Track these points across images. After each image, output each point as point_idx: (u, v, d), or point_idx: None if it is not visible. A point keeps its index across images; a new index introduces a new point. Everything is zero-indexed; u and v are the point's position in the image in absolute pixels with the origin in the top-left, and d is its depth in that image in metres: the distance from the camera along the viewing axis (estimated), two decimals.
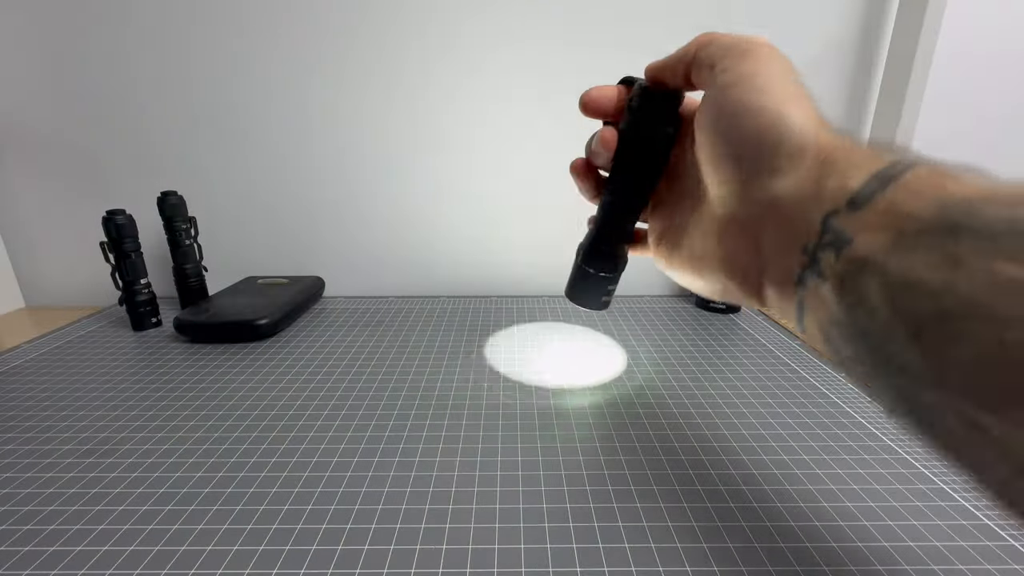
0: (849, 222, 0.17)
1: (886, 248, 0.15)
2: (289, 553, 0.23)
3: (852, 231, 0.17)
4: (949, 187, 0.15)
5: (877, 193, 0.16)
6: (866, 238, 0.16)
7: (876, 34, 0.50)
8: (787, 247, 0.19)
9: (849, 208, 0.17)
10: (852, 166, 0.18)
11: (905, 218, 0.15)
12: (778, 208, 0.20)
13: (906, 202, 0.16)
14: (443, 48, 0.51)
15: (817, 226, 0.18)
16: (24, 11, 0.50)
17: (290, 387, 0.37)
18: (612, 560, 0.22)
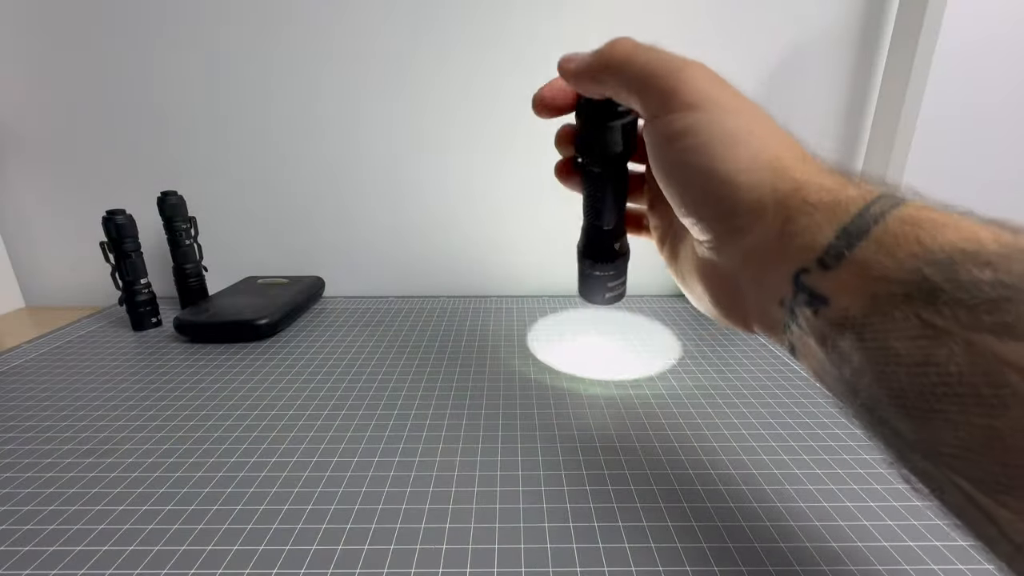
0: (821, 281, 0.16)
1: (863, 313, 0.14)
2: (289, 553, 0.23)
3: (825, 291, 0.16)
4: (925, 242, 0.14)
5: (847, 251, 0.15)
6: (841, 300, 0.15)
7: (875, 34, 0.50)
8: (765, 300, 0.18)
9: (819, 267, 0.16)
10: (818, 221, 0.16)
11: (879, 280, 0.14)
12: (749, 264, 0.19)
13: (879, 262, 0.14)
14: (443, 48, 0.51)
15: (789, 284, 0.17)
16: (24, 11, 0.50)
17: (290, 387, 0.37)
18: (612, 560, 0.22)
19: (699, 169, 0.18)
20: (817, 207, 0.17)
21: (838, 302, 0.15)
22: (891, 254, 0.14)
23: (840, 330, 0.15)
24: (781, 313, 0.17)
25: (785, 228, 0.17)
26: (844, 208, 0.16)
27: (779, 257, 0.17)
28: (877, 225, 0.15)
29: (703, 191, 0.19)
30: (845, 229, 0.16)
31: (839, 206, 0.16)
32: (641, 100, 0.20)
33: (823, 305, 0.16)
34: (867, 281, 0.15)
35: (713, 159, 0.18)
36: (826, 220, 0.16)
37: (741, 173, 0.18)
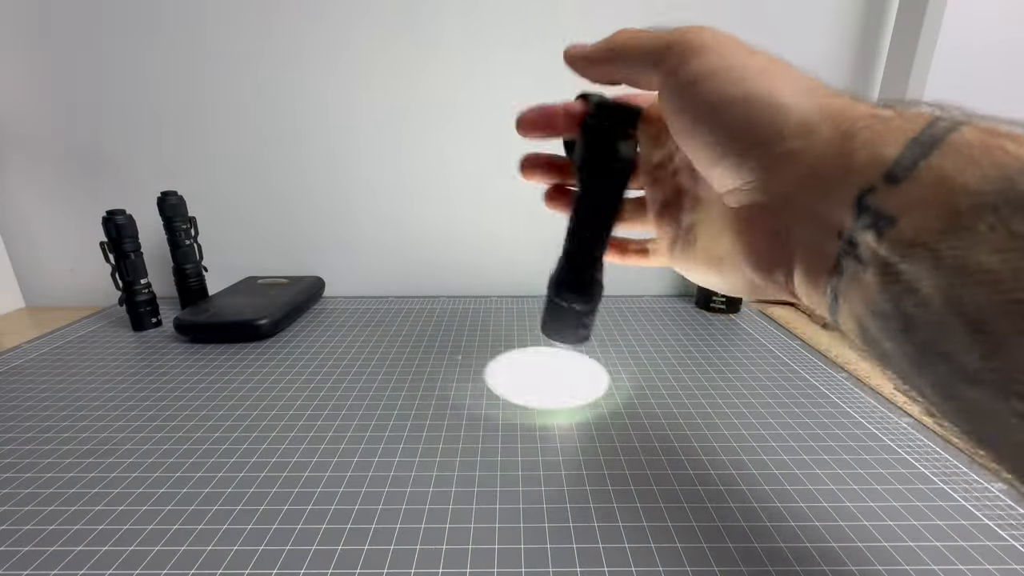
0: (889, 199, 0.14)
1: (939, 228, 0.13)
2: (289, 553, 0.23)
3: (894, 209, 0.14)
4: (1011, 150, 0.13)
5: (920, 161, 0.14)
6: (913, 217, 0.13)
7: (874, 45, 0.50)
8: (819, 232, 0.16)
9: (887, 182, 0.14)
10: (883, 132, 0.15)
11: (959, 192, 0.13)
12: (803, 192, 0.17)
13: (958, 171, 0.13)
14: (443, 49, 0.51)
15: (851, 208, 0.15)
16: (24, 11, 0.50)
17: (290, 387, 0.37)
18: (612, 560, 0.22)
19: (737, 98, 0.18)
20: (879, 121, 0.15)
21: (909, 219, 0.14)
22: (974, 161, 0.13)
23: (910, 251, 0.13)
24: (835, 247, 0.16)
25: (844, 145, 0.16)
26: (910, 121, 0.15)
27: (839, 178, 0.16)
28: (950, 136, 0.14)
29: (745, 119, 0.18)
30: (916, 139, 0.14)
31: (904, 119, 0.15)
32: (660, 59, 0.20)
33: (891, 226, 0.14)
34: (944, 193, 0.13)
35: (749, 86, 0.18)
36: (891, 132, 0.15)
37: (782, 94, 0.17)
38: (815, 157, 0.16)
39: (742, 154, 0.18)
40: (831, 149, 0.16)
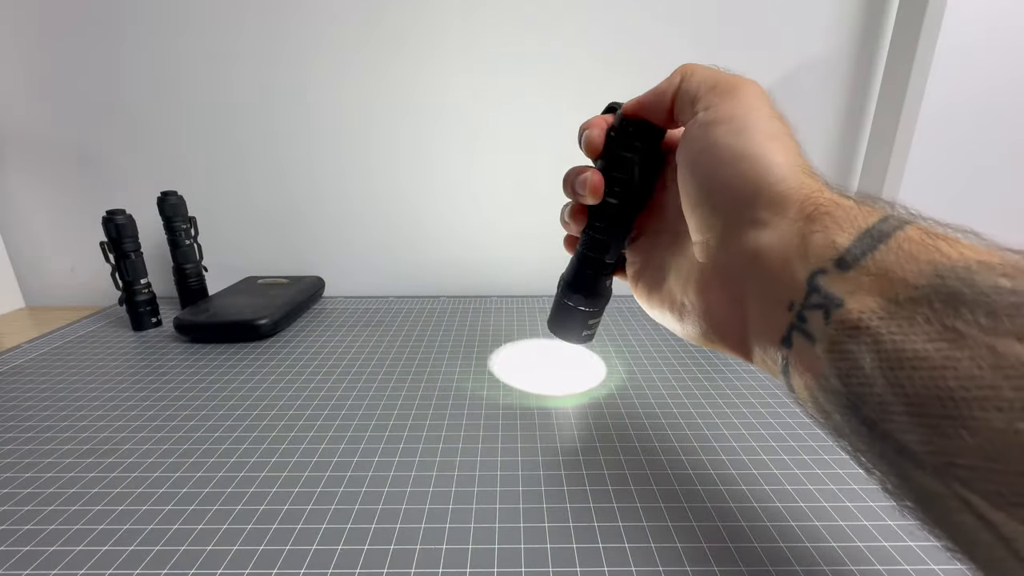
0: (838, 283, 0.16)
1: (881, 314, 0.14)
2: (289, 553, 0.23)
3: (842, 292, 0.15)
4: (944, 250, 0.14)
5: (867, 253, 0.15)
6: (857, 301, 0.15)
7: (872, 49, 0.50)
8: (771, 303, 0.18)
9: (838, 267, 0.16)
10: (840, 221, 0.17)
11: (899, 283, 0.14)
12: (760, 261, 0.18)
13: (899, 265, 0.15)
14: (443, 49, 0.51)
15: (803, 284, 0.17)
16: (24, 11, 0.50)
17: (290, 387, 0.37)
18: (612, 560, 0.22)
19: (737, 149, 0.19)
20: (839, 210, 0.17)
21: (854, 303, 0.15)
22: (913, 258, 0.15)
23: (854, 332, 0.15)
24: (786, 320, 0.17)
25: (804, 228, 0.17)
26: (865, 215, 0.17)
27: (796, 256, 0.17)
28: (896, 233, 0.15)
29: (736, 171, 0.19)
30: (867, 232, 0.16)
31: (860, 213, 0.17)
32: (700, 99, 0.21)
33: (837, 307, 0.15)
34: (886, 283, 0.15)
35: (752, 143, 0.19)
36: (847, 223, 0.16)
37: (776, 161, 0.19)
38: (778, 234, 0.18)
39: (716, 207, 0.20)
40: (793, 228, 0.18)
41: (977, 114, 0.53)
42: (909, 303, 0.14)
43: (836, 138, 0.54)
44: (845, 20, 0.50)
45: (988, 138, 0.54)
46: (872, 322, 0.14)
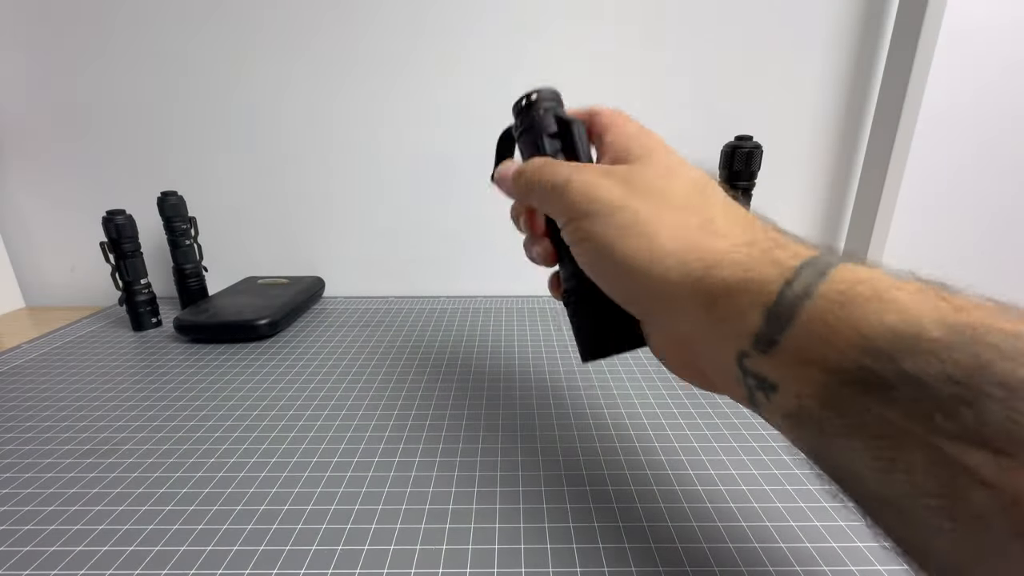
0: (764, 365, 0.15)
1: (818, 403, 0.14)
2: (289, 553, 0.23)
3: (773, 376, 0.15)
4: (861, 327, 0.13)
5: (778, 336, 0.15)
6: (791, 386, 0.14)
7: (874, 45, 0.50)
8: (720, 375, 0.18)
9: (757, 351, 0.15)
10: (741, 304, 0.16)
11: (823, 369, 0.13)
12: (692, 344, 0.18)
13: (817, 350, 0.14)
14: (444, 51, 0.51)
15: (735, 367, 0.16)
16: (24, 11, 0.50)
17: (290, 387, 0.37)
18: (612, 560, 0.22)
19: (600, 266, 0.19)
20: (737, 288, 0.16)
21: (788, 388, 0.15)
22: (827, 342, 0.13)
23: (798, 421, 0.15)
24: (740, 393, 0.17)
25: (711, 312, 0.17)
26: (765, 286, 0.15)
27: (717, 339, 0.17)
28: (804, 305, 0.14)
29: (613, 284, 0.19)
30: (771, 312, 0.15)
31: (760, 285, 0.15)
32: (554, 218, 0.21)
33: (773, 392, 0.15)
34: (812, 370, 0.14)
35: (607, 254, 0.19)
36: (749, 302, 0.15)
37: (637, 262, 0.18)
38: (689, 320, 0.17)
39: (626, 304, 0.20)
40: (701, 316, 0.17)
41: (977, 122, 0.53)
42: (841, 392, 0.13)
43: (836, 139, 0.54)
44: (844, 22, 0.50)
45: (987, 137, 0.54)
46: (813, 411, 0.14)
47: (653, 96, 0.52)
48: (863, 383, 0.13)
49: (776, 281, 0.15)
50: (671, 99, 0.52)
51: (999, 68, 0.52)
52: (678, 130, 0.52)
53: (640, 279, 0.18)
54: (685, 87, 0.52)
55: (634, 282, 0.18)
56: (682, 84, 0.52)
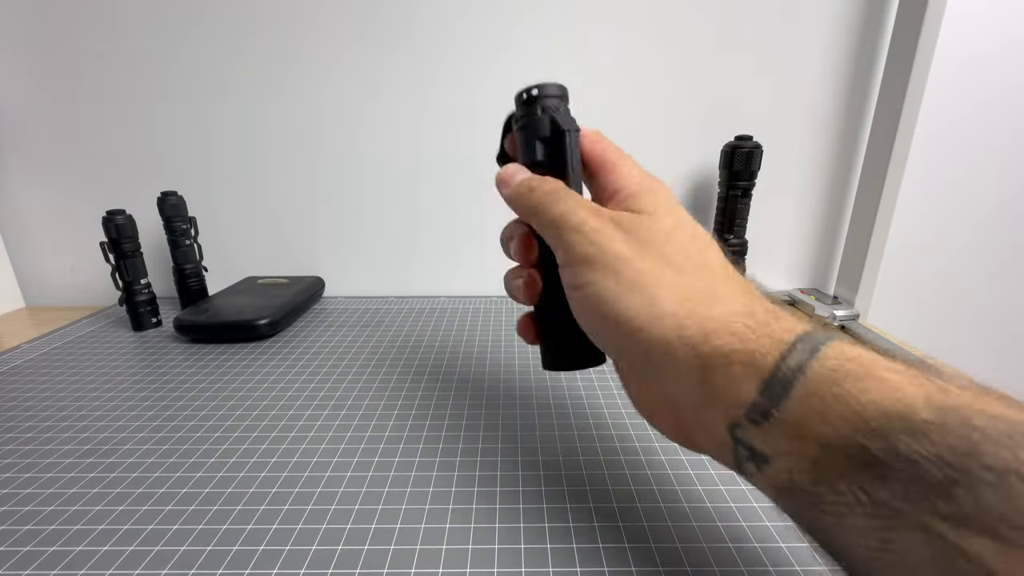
0: (757, 437, 0.15)
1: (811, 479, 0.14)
2: (289, 553, 0.23)
3: (764, 448, 0.15)
4: (854, 405, 0.13)
5: (774, 408, 0.15)
6: (782, 461, 0.15)
7: (874, 44, 0.50)
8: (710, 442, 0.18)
9: (750, 422, 0.15)
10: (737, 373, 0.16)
11: (816, 445, 0.14)
12: (680, 409, 0.18)
13: (811, 426, 0.14)
14: (443, 51, 0.51)
15: (727, 437, 0.16)
16: (24, 11, 0.50)
17: (290, 387, 0.37)
18: (612, 560, 0.22)
19: (598, 315, 0.19)
20: (733, 358, 0.16)
21: (780, 462, 0.15)
22: (822, 418, 0.14)
23: (789, 494, 0.14)
24: (730, 461, 0.17)
25: (706, 378, 0.16)
26: (762, 358, 0.16)
27: (710, 407, 0.17)
28: (799, 380, 0.15)
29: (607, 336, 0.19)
30: (767, 384, 0.15)
31: (756, 356, 0.16)
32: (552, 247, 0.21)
33: (765, 464, 0.15)
34: (805, 444, 0.14)
35: (607, 305, 0.18)
36: (745, 373, 0.16)
37: (637, 319, 0.18)
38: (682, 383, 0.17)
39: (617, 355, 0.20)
40: (694, 380, 0.17)
41: (977, 122, 0.53)
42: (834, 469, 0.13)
43: (837, 138, 0.54)
44: (844, 21, 0.50)
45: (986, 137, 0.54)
46: (805, 486, 0.14)
47: (653, 96, 0.52)
48: (857, 461, 0.13)
49: (772, 354, 0.15)
50: (671, 99, 0.52)
51: (999, 68, 0.52)
52: (678, 130, 0.53)
53: (637, 336, 0.18)
54: (685, 87, 0.52)
55: (630, 338, 0.18)
56: (682, 84, 0.52)
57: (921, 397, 0.13)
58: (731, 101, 0.52)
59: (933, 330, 0.61)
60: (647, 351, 0.18)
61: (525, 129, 0.24)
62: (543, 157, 0.23)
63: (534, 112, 0.23)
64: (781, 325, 0.16)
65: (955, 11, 0.48)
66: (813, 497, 0.14)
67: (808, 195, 0.56)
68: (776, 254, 0.58)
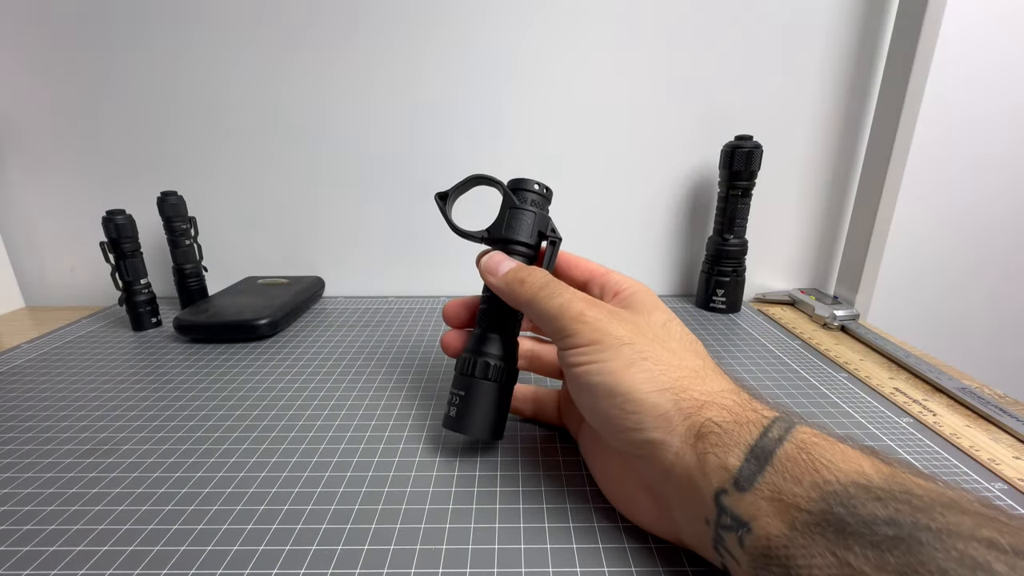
0: (740, 504, 0.17)
1: (784, 542, 0.15)
2: (289, 553, 0.23)
3: (747, 515, 0.17)
4: (822, 472, 0.16)
5: (757, 475, 0.17)
6: (763, 526, 0.16)
7: (873, 45, 0.50)
8: (691, 516, 0.19)
9: (736, 489, 0.17)
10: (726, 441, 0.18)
11: (793, 508, 0.16)
12: (671, 477, 0.20)
13: (788, 489, 0.16)
14: (444, 50, 0.51)
15: (711, 503, 0.18)
16: (24, 10, 0.50)
17: (290, 387, 0.37)
18: (612, 560, 0.22)
19: (604, 390, 0.21)
20: (722, 427, 0.18)
21: (760, 528, 0.16)
22: (797, 480, 0.16)
23: (767, 561, 0.16)
24: (708, 533, 0.18)
25: (698, 445, 0.19)
26: (747, 429, 0.18)
27: (697, 475, 0.18)
28: (779, 448, 0.17)
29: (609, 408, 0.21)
30: (752, 451, 0.17)
31: (742, 427, 0.18)
32: (551, 334, 0.24)
33: (747, 532, 0.17)
34: (782, 508, 0.16)
35: (614, 380, 0.21)
36: (733, 441, 0.18)
37: (640, 391, 0.20)
38: (676, 449, 0.19)
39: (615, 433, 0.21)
40: (687, 446, 0.19)
41: (977, 122, 0.53)
42: (806, 529, 0.15)
43: (837, 140, 0.54)
44: (844, 22, 0.50)
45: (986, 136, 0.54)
46: (780, 551, 0.15)
47: (653, 96, 0.52)
48: (825, 521, 0.15)
49: (757, 425, 0.18)
50: (671, 99, 0.52)
51: (1000, 67, 0.52)
52: (678, 130, 0.53)
53: (640, 407, 0.20)
54: (685, 87, 0.52)
55: (633, 408, 0.20)
56: (682, 84, 0.52)
57: (872, 469, 0.16)
58: (731, 101, 0.52)
59: (933, 330, 0.61)
60: (647, 420, 0.20)
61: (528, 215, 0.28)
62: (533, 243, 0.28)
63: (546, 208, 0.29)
64: (760, 405, 0.20)
65: (955, 11, 0.48)
66: (786, 562, 0.15)
67: (808, 195, 0.56)
68: (776, 254, 0.58)
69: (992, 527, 0.13)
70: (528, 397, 0.32)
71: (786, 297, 0.56)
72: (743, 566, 0.17)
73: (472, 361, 0.27)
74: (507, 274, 0.26)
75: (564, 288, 0.24)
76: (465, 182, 0.30)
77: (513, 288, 0.25)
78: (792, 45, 0.51)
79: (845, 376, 0.39)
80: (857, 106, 0.52)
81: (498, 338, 0.28)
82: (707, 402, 0.20)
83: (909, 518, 0.14)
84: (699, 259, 0.55)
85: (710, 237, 0.53)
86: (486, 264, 0.27)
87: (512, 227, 0.28)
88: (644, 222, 0.56)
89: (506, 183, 0.29)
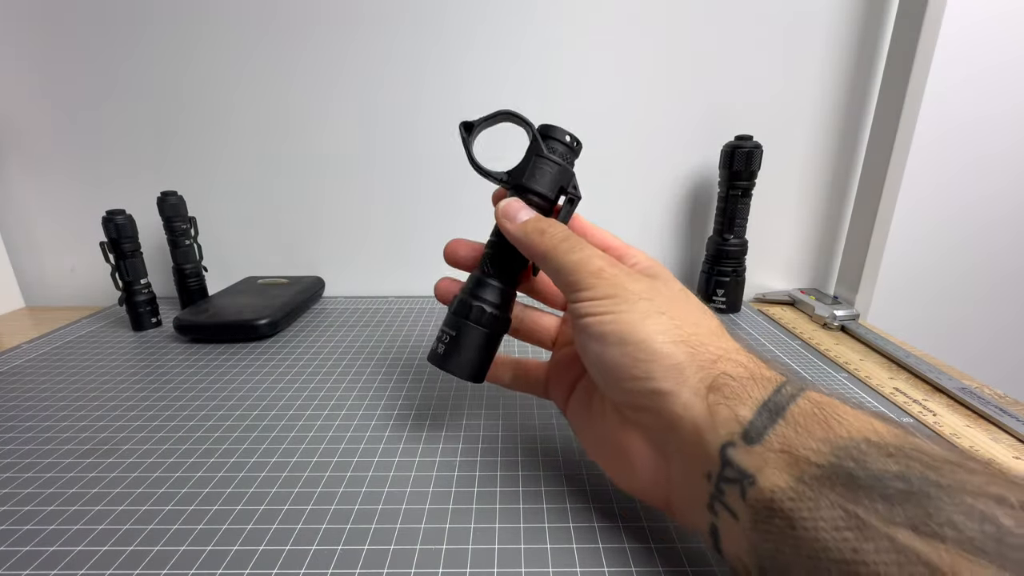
0: (747, 457, 0.17)
1: (790, 495, 0.15)
2: (289, 553, 0.23)
3: (752, 468, 0.17)
4: (835, 428, 0.16)
5: (769, 427, 0.17)
6: (768, 478, 0.16)
7: (874, 44, 0.50)
8: (691, 470, 0.19)
9: (745, 441, 0.17)
10: (738, 392, 0.18)
11: (802, 461, 0.16)
12: (676, 430, 0.19)
13: (799, 442, 0.16)
14: (445, 51, 0.51)
15: (716, 456, 0.18)
16: (24, 10, 0.50)
17: (290, 387, 0.37)
18: (612, 560, 0.22)
19: (616, 337, 0.21)
20: (737, 380, 0.19)
21: (765, 480, 0.16)
22: (810, 434, 0.16)
23: (770, 513, 0.16)
24: (707, 488, 0.18)
25: (710, 397, 0.19)
26: (761, 384, 0.18)
27: (706, 426, 0.18)
28: (792, 404, 0.17)
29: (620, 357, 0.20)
30: (765, 404, 0.17)
31: (756, 382, 0.18)
32: (564, 287, 0.23)
33: (750, 483, 0.16)
34: (790, 461, 0.16)
35: (628, 328, 0.20)
36: (746, 393, 0.18)
37: (655, 340, 0.20)
38: (686, 399, 0.19)
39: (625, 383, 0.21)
40: (697, 398, 0.19)
41: (977, 122, 0.53)
42: (815, 483, 0.15)
43: (836, 143, 0.54)
44: (843, 22, 0.50)
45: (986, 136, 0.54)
46: (784, 503, 0.15)
47: (653, 96, 0.52)
48: (835, 473, 0.15)
49: (772, 381, 0.18)
50: (671, 99, 0.52)
51: (1000, 67, 0.52)
52: (678, 130, 0.53)
53: (653, 356, 0.20)
54: (685, 87, 0.52)
55: (645, 356, 0.20)
56: (682, 84, 0.52)
57: (883, 429, 0.16)
58: (731, 101, 0.52)
59: (933, 330, 0.61)
60: (663, 368, 0.20)
61: (554, 167, 0.27)
62: (553, 197, 0.27)
63: (571, 162, 0.27)
64: (772, 366, 0.20)
65: (955, 11, 0.48)
66: (791, 518, 0.15)
67: (808, 195, 0.56)
68: (776, 254, 0.58)
69: (1001, 485, 0.13)
70: (508, 363, 0.31)
71: (786, 297, 0.56)
72: (742, 520, 0.17)
73: (468, 304, 0.26)
74: (527, 223, 0.25)
75: (584, 244, 0.24)
76: (493, 115, 0.29)
77: (532, 238, 0.24)
78: (792, 45, 0.51)
79: (845, 376, 0.39)
80: (857, 106, 0.52)
81: (498, 285, 0.27)
82: (722, 356, 0.20)
83: (919, 474, 0.14)
84: (699, 259, 0.55)
85: (710, 237, 0.53)
86: (504, 209, 0.26)
87: (535, 176, 0.27)
88: (644, 222, 0.56)
89: (536, 126, 0.27)
